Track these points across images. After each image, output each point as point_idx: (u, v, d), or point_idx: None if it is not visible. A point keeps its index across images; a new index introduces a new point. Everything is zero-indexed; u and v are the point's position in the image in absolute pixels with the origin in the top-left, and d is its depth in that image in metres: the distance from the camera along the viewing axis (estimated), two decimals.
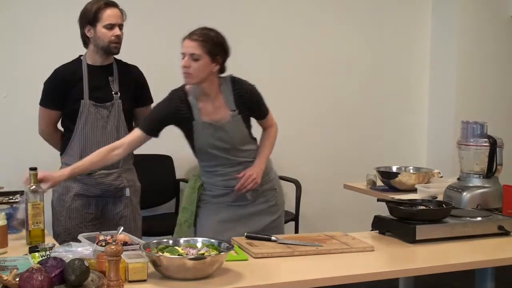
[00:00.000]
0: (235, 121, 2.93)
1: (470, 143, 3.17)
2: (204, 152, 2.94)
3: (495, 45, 5.61)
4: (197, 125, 2.89)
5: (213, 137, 2.90)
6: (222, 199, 2.99)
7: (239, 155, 2.98)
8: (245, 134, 3.00)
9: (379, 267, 2.46)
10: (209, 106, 2.91)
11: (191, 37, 2.88)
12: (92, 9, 3.04)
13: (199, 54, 2.84)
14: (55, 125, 3.23)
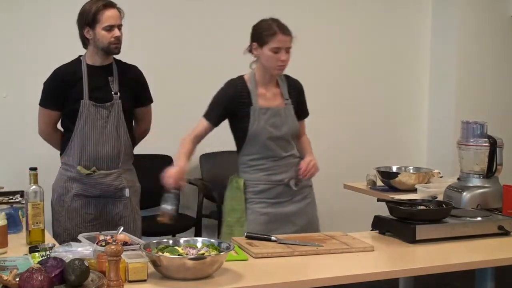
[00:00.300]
0: (288, 109, 3.06)
1: (470, 143, 3.17)
2: (255, 139, 3.00)
3: (495, 45, 5.61)
4: (254, 110, 2.98)
5: (267, 123, 2.99)
6: (265, 194, 3.03)
7: (286, 148, 3.05)
8: (296, 126, 3.10)
9: (379, 267, 2.47)
10: (268, 93, 3.04)
11: (286, 32, 2.97)
12: (90, 10, 3.03)
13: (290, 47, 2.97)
14: (55, 125, 3.23)
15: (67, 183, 3.12)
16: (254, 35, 3.02)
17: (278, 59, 2.94)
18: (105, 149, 3.10)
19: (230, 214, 3.08)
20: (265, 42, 2.94)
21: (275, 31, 2.94)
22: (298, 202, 3.10)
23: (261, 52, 2.97)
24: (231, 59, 4.98)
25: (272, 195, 3.04)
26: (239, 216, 3.03)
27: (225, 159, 4.97)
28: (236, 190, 3.07)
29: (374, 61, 5.48)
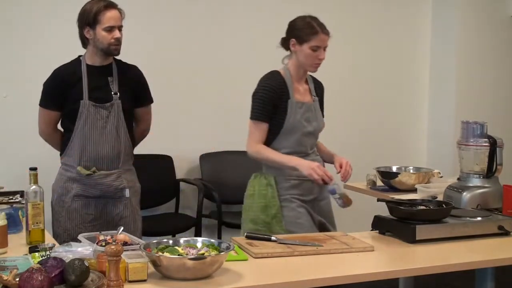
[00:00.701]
0: (317, 106, 3.16)
1: (470, 143, 3.17)
2: (290, 133, 3.04)
3: (495, 45, 5.61)
4: (291, 103, 3.04)
5: (302, 117, 3.06)
6: (296, 190, 3.05)
7: (312, 145, 3.15)
8: (323, 123, 3.21)
9: (379, 267, 2.47)
10: (301, 88, 3.13)
11: (326, 31, 3.04)
12: (91, 11, 3.02)
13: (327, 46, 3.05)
14: (55, 126, 3.23)
15: (67, 184, 3.12)
16: (293, 32, 3.07)
17: (316, 57, 3.01)
18: (105, 149, 3.09)
19: (264, 212, 3.05)
20: (305, 40, 3.01)
21: (317, 30, 3.01)
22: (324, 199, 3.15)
23: (299, 49, 3.03)
24: (232, 59, 5.02)
25: (303, 191, 3.07)
26: (275, 213, 3.02)
27: (225, 159, 4.99)
28: (266, 187, 3.06)
29: (374, 61, 5.48)
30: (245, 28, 5.04)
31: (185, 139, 4.88)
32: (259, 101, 3.03)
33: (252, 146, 3.05)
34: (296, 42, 3.04)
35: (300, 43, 3.02)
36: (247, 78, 5.06)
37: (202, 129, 4.94)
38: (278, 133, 3.04)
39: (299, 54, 3.04)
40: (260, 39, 5.06)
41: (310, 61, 3.02)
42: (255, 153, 3.05)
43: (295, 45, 3.04)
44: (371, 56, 5.46)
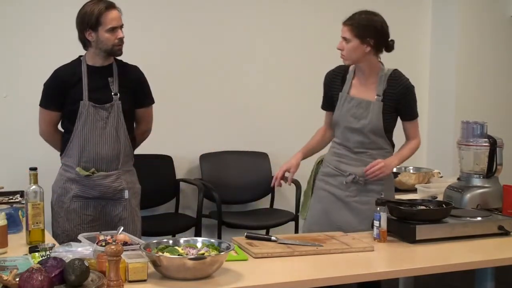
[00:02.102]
0: (376, 106, 3.03)
1: (470, 143, 3.17)
2: (337, 125, 3.12)
3: (495, 45, 5.61)
4: (341, 97, 3.08)
5: (349, 112, 3.06)
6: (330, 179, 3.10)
7: (362, 143, 3.05)
8: (379, 125, 3.05)
9: (379, 267, 2.47)
10: (361, 84, 3.09)
11: (345, 22, 3.08)
12: (92, 13, 3.00)
13: (349, 38, 3.02)
14: (55, 126, 3.23)
15: (66, 184, 3.12)
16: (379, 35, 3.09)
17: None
18: (104, 150, 3.09)
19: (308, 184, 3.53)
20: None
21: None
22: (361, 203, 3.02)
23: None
24: (232, 60, 5.02)
25: (336, 183, 3.08)
26: (307, 190, 3.35)
27: (225, 159, 4.99)
28: (317, 165, 3.34)
29: None
30: (246, 29, 5.04)
31: (185, 139, 4.88)
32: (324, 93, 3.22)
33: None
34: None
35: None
36: (248, 78, 5.11)
37: (202, 129, 4.94)
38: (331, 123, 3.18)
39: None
40: (260, 40, 5.07)
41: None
42: None
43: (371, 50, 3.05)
44: None
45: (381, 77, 3.06)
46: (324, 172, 3.15)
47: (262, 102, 5.09)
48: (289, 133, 5.18)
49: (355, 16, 3.09)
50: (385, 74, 3.06)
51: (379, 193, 3.00)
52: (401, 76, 3.10)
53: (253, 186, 5.00)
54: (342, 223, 3.00)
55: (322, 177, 3.15)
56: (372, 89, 3.06)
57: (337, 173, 3.08)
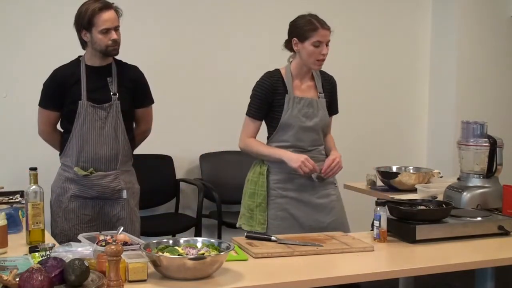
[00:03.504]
0: (321, 102, 3.13)
1: (470, 143, 3.17)
2: (287, 127, 3.06)
3: (495, 45, 5.61)
4: (289, 99, 3.06)
5: (300, 112, 3.06)
6: (288, 184, 3.07)
7: (314, 141, 3.11)
8: (327, 119, 3.17)
9: (379, 267, 2.46)
10: (303, 85, 3.14)
11: (326, 26, 3.07)
12: (86, 14, 2.99)
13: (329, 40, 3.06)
14: (54, 126, 3.23)
15: (65, 184, 3.12)
16: (294, 31, 3.09)
17: (319, 53, 3.02)
18: (103, 150, 3.09)
19: (251, 198, 3.11)
20: (306, 37, 3.02)
21: (316, 26, 3.02)
22: (321, 197, 3.11)
23: (301, 47, 3.05)
24: (232, 60, 5.02)
25: (294, 186, 3.07)
26: (260, 201, 3.07)
27: (225, 159, 4.99)
28: (259, 175, 3.11)
29: (374, 62, 5.48)
30: (246, 29, 5.04)
31: (185, 139, 4.88)
32: (253, 99, 3.11)
33: (242, 140, 3.13)
34: (298, 40, 3.05)
35: (301, 41, 3.04)
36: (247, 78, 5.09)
37: (202, 129, 4.94)
38: (276, 127, 3.09)
39: (302, 52, 3.05)
40: (260, 40, 5.07)
41: (313, 57, 3.03)
42: (244, 146, 3.13)
43: (297, 44, 3.06)
44: (371, 56, 5.46)
45: (316, 76, 3.17)
46: (278, 179, 3.08)
47: None
48: None
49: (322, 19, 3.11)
50: (316, 72, 3.17)
51: (333, 182, 3.17)
52: (327, 73, 3.23)
53: None
54: (312, 222, 3.05)
55: (276, 185, 3.08)
56: (311, 88, 3.15)
57: (293, 176, 3.06)
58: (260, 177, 3.09)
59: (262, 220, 3.04)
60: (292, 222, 3.04)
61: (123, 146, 3.14)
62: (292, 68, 3.12)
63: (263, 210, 3.06)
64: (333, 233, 2.76)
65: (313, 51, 3.02)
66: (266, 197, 3.07)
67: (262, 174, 3.09)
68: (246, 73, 5.05)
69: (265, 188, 3.07)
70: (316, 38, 3.00)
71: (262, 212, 3.06)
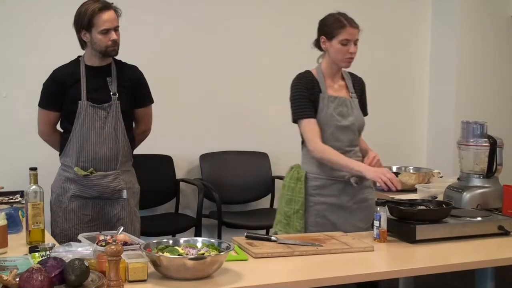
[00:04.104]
0: (354, 102, 3.11)
1: (470, 143, 3.17)
2: (323, 128, 3.00)
3: (495, 45, 5.61)
4: (323, 98, 3.03)
5: (335, 111, 3.02)
6: (326, 190, 3.01)
7: (351, 141, 3.06)
8: (362, 119, 3.14)
9: (379, 267, 2.47)
10: (335, 85, 3.11)
11: (354, 24, 3.04)
12: (86, 14, 2.98)
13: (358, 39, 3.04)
14: (54, 126, 3.23)
15: (65, 184, 3.12)
16: (323, 29, 3.07)
17: (347, 51, 2.99)
18: (103, 150, 3.08)
19: (288, 204, 3.05)
20: (334, 35, 3.00)
21: (344, 24, 3.01)
22: (359, 202, 3.05)
23: (329, 45, 3.03)
24: (232, 60, 5.02)
25: (333, 191, 3.01)
26: (298, 208, 3.01)
27: (225, 159, 4.99)
28: (296, 181, 3.05)
29: (374, 61, 5.47)
30: (246, 29, 5.03)
31: (185, 139, 4.88)
32: (298, 99, 3.03)
33: (315, 145, 2.98)
34: (326, 39, 3.03)
35: (329, 39, 3.02)
36: (248, 78, 5.11)
37: (202, 129, 4.94)
38: None
39: (330, 51, 3.03)
40: (260, 40, 5.07)
41: (341, 55, 3.01)
42: (321, 153, 2.97)
43: (325, 42, 3.04)
44: (371, 56, 5.45)
45: (345, 75, 3.16)
46: (316, 185, 3.02)
47: (262, 102, 5.09)
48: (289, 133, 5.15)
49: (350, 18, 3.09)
50: (344, 72, 3.16)
51: (370, 186, 3.11)
52: (356, 75, 3.23)
53: (253, 186, 5.01)
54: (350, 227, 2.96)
55: (315, 191, 3.03)
56: (343, 87, 3.12)
57: (332, 182, 3.01)
58: (298, 183, 3.03)
59: (299, 227, 2.97)
60: (330, 228, 2.94)
61: (123, 146, 3.14)
62: (323, 68, 3.10)
63: (300, 217, 3.00)
64: (333, 233, 2.76)
65: (340, 49, 2.99)
66: (304, 203, 3.01)
67: (299, 180, 3.03)
68: (246, 73, 5.07)
69: (303, 195, 3.01)
70: (344, 36, 2.98)
71: (300, 219, 3.00)
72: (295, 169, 3.10)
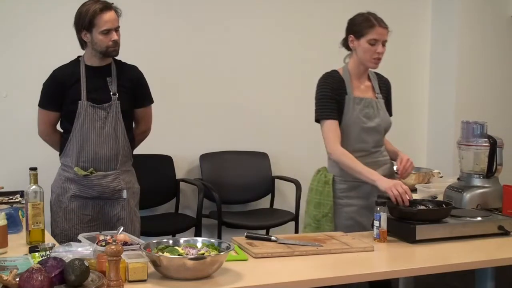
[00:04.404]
0: (380, 103, 3.10)
1: (470, 143, 3.17)
2: (349, 129, 2.99)
3: (495, 45, 5.61)
4: (349, 99, 3.00)
5: (361, 113, 3.01)
6: (353, 192, 3.01)
7: (377, 142, 3.06)
8: (388, 120, 3.13)
9: (379, 267, 2.47)
10: (362, 85, 3.09)
11: (383, 24, 3.02)
12: (87, 14, 2.98)
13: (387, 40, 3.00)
14: (54, 126, 3.23)
15: (65, 184, 3.12)
16: (351, 28, 3.06)
17: (375, 51, 2.97)
18: (103, 150, 3.08)
19: (316, 208, 3.04)
20: (362, 34, 2.99)
21: (373, 23, 2.99)
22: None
23: (357, 44, 3.01)
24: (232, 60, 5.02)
25: (360, 193, 3.00)
26: (327, 212, 3.00)
27: (225, 159, 4.99)
28: (324, 185, 3.04)
29: None
30: (246, 29, 5.04)
31: (185, 139, 4.88)
32: (322, 100, 3.01)
33: (334, 147, 2.96)
34: (354, 37, 3.02)
35: (357, 38, 3.00)
36: (248, 78, 5.11)
37: (202, 129, 4.94)
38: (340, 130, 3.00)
39: (358, 50, 3.01)
40: (260, 40, 5.07)
41: (368, 55, 2.98)
42: (338, 156, 2.95)
43: (354, 41, 3.02)
44: None
45: (371, 76, 3.14)
46: (344, 188, 3.02)
47: (262, 102, 5.09)
48: (289, 133, 5.19)
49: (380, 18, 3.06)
50: (371, 73, 3.14)
51: None
52: (382, 75, 3.21)
53: (253, 186, 5.01)
54: None
55: (343, 194, 3.02)
56: (369, 88, 3.10)
57: (359, 184, 2.98)
58: (326, 186, 3.02)
59: (329, 230, 2.94)
60: (361, 230, 2.92)
61: (123, 146, 3.14)
62: (350, 68, 3.07)
63: (330, 220, 2.99)
64: (333, 233, 2.76)
65: (368, 49, 2.97)
66: (332, 207, 3.00)
67: (327, 184, 3.02)
68: (246, 73, 5.07)
69: (331, 198, 3.00)
70: (372, 35, 2.96)
71: (329, 222, 2.99)
72: (322, 173, 3.09)
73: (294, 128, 5.16)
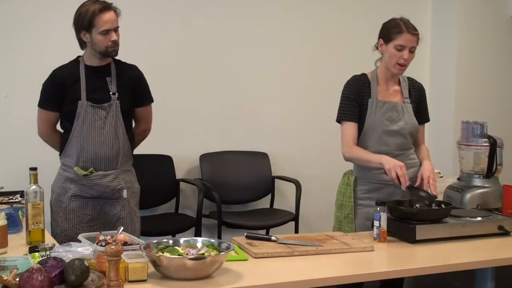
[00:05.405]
0: (407, 107, 3.09)
1: (470, 143, 3.17)
2: (371, 132, 3.01)
3: (495, 45, 5.61)
4: (372, 103, 3.03)
5: (384, 116, 3.03)
6: (375, 194, 3.00)
7: (401, 145, 3.06)
8: (414, 124, 3.12)
9: (379, 267, 2.47)
10: (388, 90, 3.10)
11: (413, 31, 3.02)
12: (86, 14, 2.98)
13: (416, 47, 3.01)
14: (54, 126, 3.22)
15: (65, 184, 3.12)
16: (382, 32, 3.09)
17: (400, 57, 2.98)
18: (103, 150, 3.08)
19: (339, 209, 3.09)
20: (391, 39, 3.01)
21: (402, 29, 3.00)
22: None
23: (385, 49, 3.04)
24: (233, 60, 5.02)
25: (383, 195, 2.99)
26: (348, 213, 3.03)
27: (225, 159, 4.99)
28: (346, 186, 3.08)
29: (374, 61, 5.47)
30: (246, 29, 5.03)
31: (185, 139, 4.88)
32: (345, 101, 3.06)
33: (344, 147, 3.04)
34: (383, 42, 3.05)
35: (386, 42, 3.03)
36: (248, 78, 5.11)
37: (202, 129, 4.94)
38: (361, 132, 3.04)
39: (385, 54, 3.04)
40: (261, 40, 5.07)
41: (394, 60, 2.99)
42: (347, 153, 3.02)
43: (383, 45, 3.05)
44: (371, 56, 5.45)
45: (402, 81, 3.14)
46: (366, 189, 3.04)
47: (262, 102, 5.09)
48: (289, 133, 5.18)
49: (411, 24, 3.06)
50: (402, 77, 3.13)
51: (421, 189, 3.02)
52: (416, 80, 3.20)
53: (253, 186, 5.01)
54: None
55: (364, 195, 3.04)
56: (397, 92, 3.11)
57: (382, 185, 3.00)
58: (348, 188, 3.06)
59: (350, 231, 2.96)
60: None
61: (123, 145, 3.14)
62: (379, 72, 3.10)
63: (350, 221, 3.02)
64: (333, 233, 2.76)
65: (394, 54, 2.99)
66: (353, 208, 3.02)
67: (349, 185, 3.06)
68: (246, 73, 5.07)
69: (352, 199, 3.03)
70: (399, 41, 2.97)
71: (350, 223, 3.02)
72: (347, 175, 3.13)
73: (294, 128, 5.16)
